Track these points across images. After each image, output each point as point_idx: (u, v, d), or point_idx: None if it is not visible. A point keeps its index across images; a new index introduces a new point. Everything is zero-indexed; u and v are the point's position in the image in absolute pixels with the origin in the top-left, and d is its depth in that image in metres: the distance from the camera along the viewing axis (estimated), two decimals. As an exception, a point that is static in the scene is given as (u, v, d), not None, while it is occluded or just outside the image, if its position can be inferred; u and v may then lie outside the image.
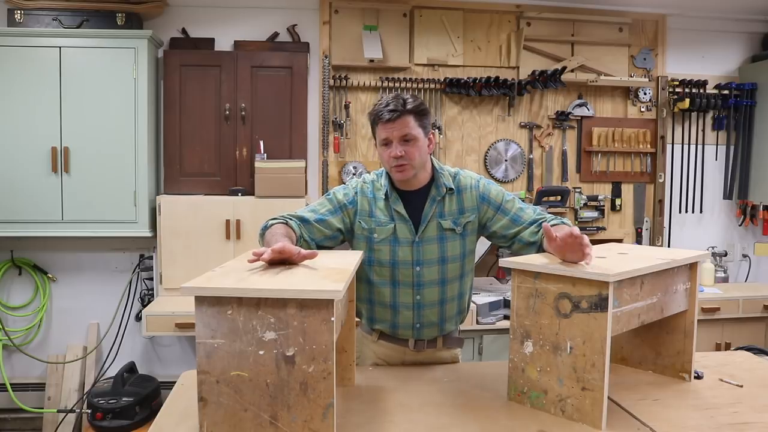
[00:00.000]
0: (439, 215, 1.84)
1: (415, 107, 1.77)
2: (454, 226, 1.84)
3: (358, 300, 1.91)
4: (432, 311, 1.88)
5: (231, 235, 3.31)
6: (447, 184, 1.85)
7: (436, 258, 1.84)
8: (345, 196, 1.87)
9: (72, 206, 3.24)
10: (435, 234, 1.84)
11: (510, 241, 1.85)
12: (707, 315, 3.47)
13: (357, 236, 1.87)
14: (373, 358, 1.97)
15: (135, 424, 3.02)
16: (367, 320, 1.95)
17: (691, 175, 4.07)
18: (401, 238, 1.83)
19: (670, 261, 1.64)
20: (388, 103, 1.77)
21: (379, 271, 1.85)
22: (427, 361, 1.94)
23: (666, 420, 1.48)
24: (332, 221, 1.83)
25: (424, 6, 3.68)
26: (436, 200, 1.84)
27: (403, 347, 1.92)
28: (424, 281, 1.85)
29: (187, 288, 1.25)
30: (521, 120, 3.85)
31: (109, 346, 3.62)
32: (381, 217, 1.84)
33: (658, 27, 3.94)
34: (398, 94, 1.79)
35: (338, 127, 3.65)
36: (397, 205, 1.84)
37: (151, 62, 3.31)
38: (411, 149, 1.76)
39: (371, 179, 1.91)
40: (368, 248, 1.85)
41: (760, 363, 1.97)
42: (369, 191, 1.88)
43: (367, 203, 1.86)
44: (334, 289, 1.24)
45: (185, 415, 1.48)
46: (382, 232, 1.83)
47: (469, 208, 1.86)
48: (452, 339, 1.96)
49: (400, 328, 1.89)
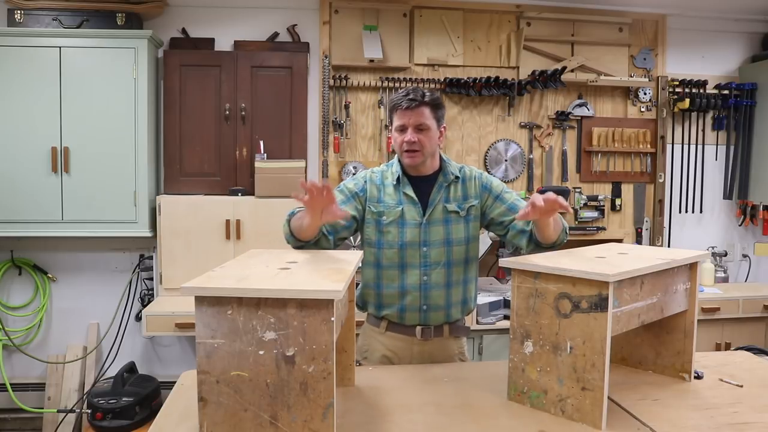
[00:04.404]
0: (445, 200, 1.98)
1: (431, 100, 1.93)
2: (458, 210, 1.97)
3: (366, 287, 2.03)
4: (438, 293, 1.96)
5: (231, 235, 3.31)
6: (454, 172, 2.00)
7: (442, 239, 1.96)
8: (355, 185, 2.00)
9: (72, 206, 3.24)
10: (441, 216, 1.96)
11: (505, 228, 1.98)
12: (707, 315, 3.47)
13: (367, 221, 1.99)
14: (382, 350, 2.03)
15: (135, 424, 3.02)
16: (376, 308, 2.02)
17: (691, 175, 4.07)
18: (409, 219, 1.95)
19: (670, 261, 1.64)
20: (407, 93, 1.91)
21: (387, 253, 1.96)
22: (434, 351, 2.01)
23: (666, 420, 1.48)
24: (346, 209, 1.91)
25: (424, 6, 3.68)
26: (443, 186, 1.98)
27: (410, 337, 1.99)
28: (431, 262, 1.95)
29: (187, 288, 1.25)
30: (521, 120, 3.85)
31: (109, 346, 3.62)
32: (389, 202, 1.97)
33: (658, 27, 3.94)
34: (417, 87, 1.94)
35: (338, 127, 3.65)
36: (407, 188, 1.97)
37: (151, 62, 3.31)
38: (423, 137, 1.91)
39: (380, 169, 2.05)
40: (377, 231, 1.97)
41: (760, 363, 1.96)
42: (378, 179, 2.01)
43: (376, 190, 2.00)
44: (334, 289, 1.24)
45: (185, 415, 1.48)
46: (390, 214, 1.96)
47: (472, 195, 2.00)
48: (458, 327, 2.04)
49: (407, 311, 1.97)
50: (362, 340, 2.08)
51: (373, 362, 2.04)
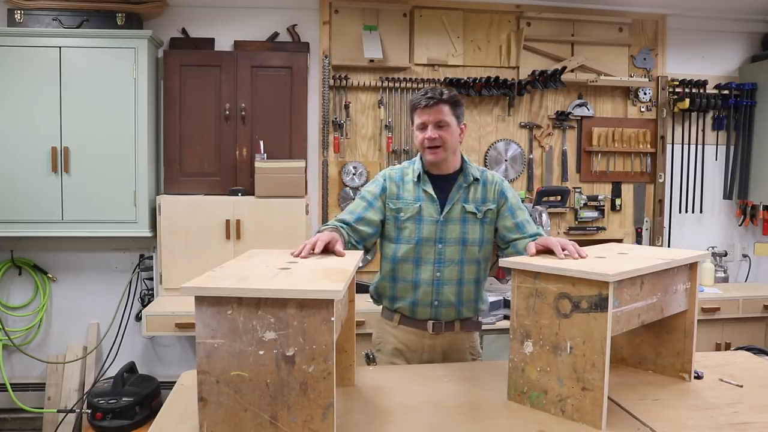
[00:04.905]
0: (464, 200, 2.03)
1: (449, 98, 1.98)
2: (476, 211, 2.02)
3: (383, 280, 2.09)
4: (450, 290, 2.02)
5: (231, 235, 3.31)
6: (474, 174, 2.05)
7: (457, 238, 2.01)
8: (375, 187, 2.06)
9: (72, 206, 3.24)
10: (458, 216, 2.01)
11: (506, 244, 2.04)
12: (707, 315, 3.47)
13: (387, 218, 2.05)
14: (395, 343, 2.09)
15: (135, 424, 3.02)
16: (390, 300, 2.08)
17: (691, 175, 4.07)
18: (426, 216, 2.01)
19: (670, 261, 1.64)
20: (426, 92, 1.97)
21: (404, 248, 2.02)
22: (445, 345, 2.07)
23: (666, 420, 1.48)
24: (370, 216, 2.00)
25: (424, 6, 3.68)
26: (462, 186, 2.03)
27: (422, 331, 2.04)
28: (445, 259, 2.01)
29: (187, 288, 1.25)
30: (521, 120, 3.85)
31: (109, 346, 3.62)
32: (408, 198, 2.03)
33: (658, 27, 3.94)
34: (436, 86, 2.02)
35: (338, 127, 3.65)
36: (427, 186, 2.02)
37: (151, 62, 3.31)
38: (444, 134, 1.96)
39: (400, 167, 2.11)
40: (395, 227, 2.03)
41: (760, 363, 1.97)
42: (397, 176, 2.07)
43: (395, 187, 2.05)
44: (334, 289, 1.24)
45: (185, 415, 1.48)
46: (408, 210, 2.02)
47: (490, 199, 2.05)
48: (470, 323, 2.10)
49: (419, 305, 2.03)
50: (376, 333, 2.17)
51: (386, 354, 2.11)
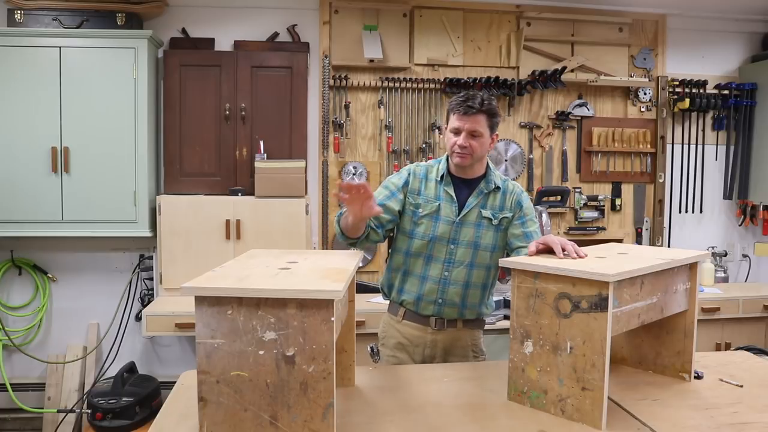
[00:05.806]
0: (482, 206, 2.05)
1: (488, 109, 1.98)
2: (492, 217, 2.05)
3: (394, 271, 2.13)
4: (456, 291, 2.04)
5: (231, 235, 3.31)
6: (496, 182, 2.07)
7: (470, 241, 2.04)
8: (399, 179, 2.09)
9: (72, 206, 3.24)
10: (474, 220, 2.04)
11: (512, 251, 2.05)
12: (707, 315, 3.47)
13: (405, 211, 2.08)
14: (398, 337, 2.13)
15: (135, 424, 3.02)
16: (397, 292, 2.12)
17: (691, 175, 4.07)
18: (443, 216, 2.04)
19: (670, 261, 1.64)
20: (467, 99, 1.97)
21: (417, 243, 2.05)
22: (448, 341, 2.10)
23: (666, 420, 1.48)
24: (391, 205, 2.03)
25: (424, 6, 3.68)
26: (483, 192, 2.06)
27: (425, 326, 2.08)
28: (455, 259, 2.04)
29: (187, 288, 1.25)
30: (521, 120, 3.85)
31: (109, 346, 3.62)
32: (428, 195, 2.06)
33: (658, 27, 3.94)
34: (477, 93, 1.99)
35: (338, 127, 3.65)
36: (449, 187, 2.06)
37: (151, 62, 3.31)
38: (475, 143, 1.98)
39: (426, 164, 2.13)
40: (411, 222, 2.07)
41: (760, 363, 1.97)
42: (421, 173, 2.10)
43: (418, 182, 2.09)
44: (334, 289, 1.24)
45: (185, 415, 1.48)
46: (427, 207, 2.05)
47: (508, 208, 2.07)
48: (472, 320, 2.12)
49: (423, 300, 2.06)
50: (381, 328, 2.21)
51: (390, 348, 2.15)
